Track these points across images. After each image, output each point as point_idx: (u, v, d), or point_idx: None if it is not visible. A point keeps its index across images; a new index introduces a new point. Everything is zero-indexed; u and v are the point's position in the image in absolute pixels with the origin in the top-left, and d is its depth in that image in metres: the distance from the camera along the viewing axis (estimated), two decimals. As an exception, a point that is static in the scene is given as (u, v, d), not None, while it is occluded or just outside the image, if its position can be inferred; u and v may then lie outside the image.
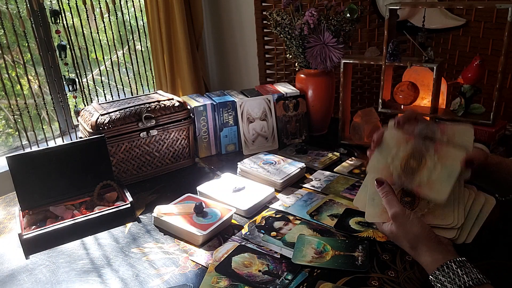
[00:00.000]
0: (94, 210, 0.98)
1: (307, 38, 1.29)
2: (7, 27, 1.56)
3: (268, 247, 0.85)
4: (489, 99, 1.40)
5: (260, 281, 0.75)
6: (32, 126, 1.67)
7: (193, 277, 0.78)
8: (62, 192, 1.01)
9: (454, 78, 1.21)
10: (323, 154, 1.24)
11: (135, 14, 1.95)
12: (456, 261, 0.61)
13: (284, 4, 1.31)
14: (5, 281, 0.80)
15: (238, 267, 0.79)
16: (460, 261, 0.61)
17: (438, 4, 1.26)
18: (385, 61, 1.20)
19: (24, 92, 1.62)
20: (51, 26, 1.65)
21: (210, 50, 2.25)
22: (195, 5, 1.99)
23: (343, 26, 1.28)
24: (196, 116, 1.26)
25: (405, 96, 1.21)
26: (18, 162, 0.95)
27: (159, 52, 1.94)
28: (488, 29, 1.42)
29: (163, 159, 1.21)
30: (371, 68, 1.71)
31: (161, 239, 0.90)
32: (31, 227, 0.94)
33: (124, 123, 1.11)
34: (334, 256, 0.80)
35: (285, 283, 0.74)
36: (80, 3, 1.69)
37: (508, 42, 1.03)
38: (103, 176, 1.05)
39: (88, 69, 1.84)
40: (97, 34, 1.91)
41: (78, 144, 1.02)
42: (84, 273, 0.81)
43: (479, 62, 1.11)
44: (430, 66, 1.15)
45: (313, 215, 0.95)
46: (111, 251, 0.87)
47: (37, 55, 1.66)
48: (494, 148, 1.12)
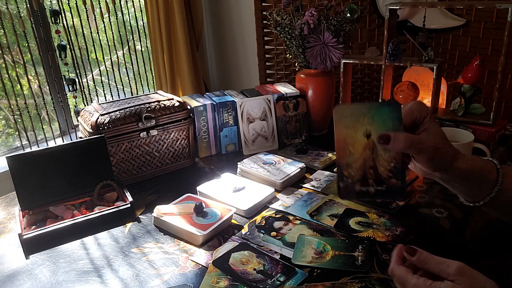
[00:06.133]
0: (94, 210, 0.98)
1: (307, 38, 1.29)
2: (7, 27, 1.56)
3: (268, 247, 0.85)
4: (489, 99, 1.40)
5: (252, 279, 0.75)
6: (32, 126, 1.67)
7: (193, 277, 0.78)
8: (62, 192, 1.01)
9: (454, 78, 1.21)
10: (323, 154, 1.24)
11: (135, 14, 1.95)
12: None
13: (284, 4, 1.31)
14: (5, 281, 0.80)
15: (235, 263, 0.80)
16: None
17: (438, 4, 1.26)
18: (385, 61, 1.20)
19: (24, 92, 1.62)
20: (51, 26, 1.65)
21: (210, 50, 2.25)
22: (195, 5, 1.99)
23: (343, 26, 1.28)
24: (196, 116, 1.26)
25: (405, 96, 1.21)
26: (18, 162, 0.95)
27: (159, 52, 1.94)
28: (488, 29, 1.42)
29: (163, 159, 1.21)
30: (371, 68, 1.71)
31: (161, 239, 0.90)
32: (31, 227, 0.94)
33: (124, 123, 1.11)
34: (334, 256, 0.80)
35: (275, 284, 0.74)
36: (80, 3, 1.69)
37: (508, 42, 1.04)
38: (103, 176, 1.05)
39: (88, 69, 1.84)
40: (97, 34, 1.91)
41: (78, 144, 1.02)
42: (84, 273, 0.81)
43: (479, 62, 1.11)
44: (430, 66, 1.15)
45: (313, 215, 0.95)
46: (111, 251, 0.87)
47: (37, 55, 1.65)
48: (494, 148, 1.12)
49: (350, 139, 0.59)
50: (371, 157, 0.59)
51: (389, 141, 0.57)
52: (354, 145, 0.59)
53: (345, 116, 0.59)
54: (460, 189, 0.62)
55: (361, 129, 0.59)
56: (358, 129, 0.59)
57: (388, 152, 0.59)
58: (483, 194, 0.60)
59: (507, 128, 1.19)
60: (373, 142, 0.59)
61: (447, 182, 0.62)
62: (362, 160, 0.60)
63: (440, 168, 0.59)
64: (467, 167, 0.59)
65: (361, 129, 0.59)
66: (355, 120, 0.59)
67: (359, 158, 0.60)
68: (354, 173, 0.60)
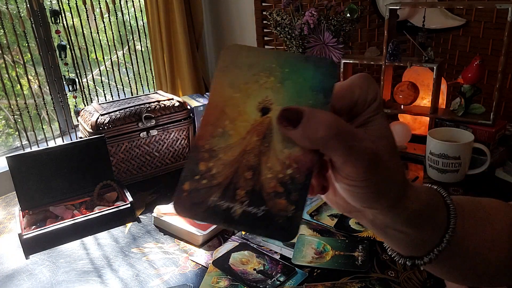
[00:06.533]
0: (94, 210, 0.98)
1: (307, 38, 1.29)
2: (7, 27, 1.56)
3: (268, 247, 0.85)
4: (489, 99, 1.40)
5: (252, 279, 0.75)
6: (32, 126, 1.67)
7: (193, 277, 0.78)
8: (62, 192, 1.01)
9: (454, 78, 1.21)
10: (323, 154, 1.24)
11: (135, 14, 1.95)
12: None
13: (284, 4, 1.31)
14: (5, 281, 0.80)
15: (235, 263, 0.80)
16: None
17: (438, 4, 1.26)
18: (385, 61, 1.20)
19: (24, 92, 1.62)
20: (51, 26, 1.65)
21: (210, 50, 2.25)
22: (195, 5, 1.99)
23: (343, 26, 1.28)
24: (196, 116, 1.26)
25: (405, 96, 1.21)
26: (18, 162, 0.95)
27: (159, 52, 1.94)
28: (488, 29, 1.42)
29: (163, 159, 1.20)
30: (371, 68, 1.71)
31: (161, 239, 0.90)
32: (31, 227, 0.94)
33: (124, 123, 1.11)
34: (334, 256, 0.80)
35: (275, 284, 0.74)
36: (80, 3, 1.69)
37: (508, 42, 1.03)
38: (103, 176, 1.05)
39: (88, 69, 1.84)
40: (97, 34, 1.91)
41: (78, 144, 1.02)
42: (84, 273, 0.81)
43: (479, 62, 1.10)
44: (430, 66, 1.15)
45: (313, 215, 0.95)
46: (111, 251, 0.87)
47: (37, 55, 1.65)
48: (494, 148, 1.12)
49: (231, 108, 0.32)
50: (258, 149, 0.31)
51: (297, 122, 0.29)
52: (235, 120, 0.32)
53: (237, 66, 0.33)
54: (400, 241, 0.37)
55: (256, 95, 0.32)
56: (251, 95, 0.32)
57: (291, 147, 0.31)
58: (429, 246, 0.37)
59: (507, 128, 1.19)
60: (270, 123, 0.31)
61: (382, 230, 0.36)
62: (240, 151, 0.31)
63: (378, 199, 0.32)
64: (419, 206, 0.34)
65: (257, 96, 0.32)
66: (251, 76, 0.32)
67: (236, 146, 0.31)
68: (218, 170, 0.31)
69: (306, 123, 0.29)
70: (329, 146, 0.29)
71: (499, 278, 0.40)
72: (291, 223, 0.30)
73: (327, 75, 0.32)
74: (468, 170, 1.05)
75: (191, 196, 0.31)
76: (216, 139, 0.32)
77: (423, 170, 1.11)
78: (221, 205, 0.30)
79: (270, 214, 0.30)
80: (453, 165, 1.02)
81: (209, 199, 0.30)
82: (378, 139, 0.31)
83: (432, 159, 1.04)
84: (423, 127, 1.30)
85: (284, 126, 0.30)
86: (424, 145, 1.09)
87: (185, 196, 0.31)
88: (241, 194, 0.30)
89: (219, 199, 0.30)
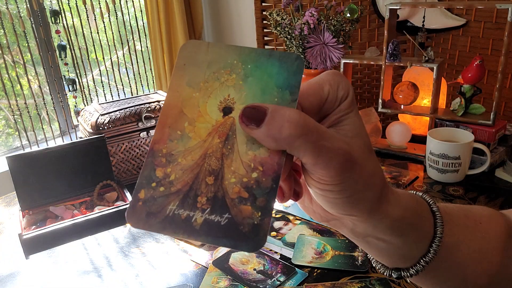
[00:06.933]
0: (94, 210, 0.98)
1: (307, 38, 1.29)
2: (7, 27, 1.56)
3: (268, 247, 0.85)
4: (489, 99, 1.40)
5: (252, 279, 0.75)
6: (32, 126, 1.67)
7: (193, 277, 0.78)
8: (62, 192, 1.01)
9: (454, 78, 1.21)
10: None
11: (135, 14, 1.95)
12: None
13: (284, 4, 1.31)
14: (5, 281, 0.80)
15: (235, 263, 0.80)
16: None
17: (438, 4, 1.26)
18: (385, 61, 1.20)
19: (24, 92, 1.62)
20: (51, 26, 1.65)
21: (210, 50, 2.25)
22: (195, 5, 1.99)
23: (343, 26, 1.28)
24: (196, 116, 1.26)
25: (405, 96, 1.21)
26: (18, 162, 0.95)
27: (159, 52, 1.94)
28: (488, 29, 1.42)
29: (163, 159, 1.20)
30: (371, 68, 1.71)
31: (161, 239, 0.90)
32: (31, 227, 0.94)
33: (124, 123, 1.11)
34: (334, 256, 0.80)
35: (275, 284, 0.74)
36: (80, 3, 1.69)
37: (508, 42, 1.04)
38: (103, 176, 1.05)
39: (88, 69, 1.84)
40: (97, 34, 1.91)
41: (78, 144, 1.02)
42: (84, 273, 0.81)
43: (479, 62, 1.11)
44: (430, 66, 1.15)
45: (313, 215, 0.95)
46: (111, 251, 0.87)
47: (37, 55, 1.65)
48: (494, 148, 1.12)
49: (190, 109, 0.30)
50: (220, 152, 0.29)
51: (261, 121, 0.27)
52: (195, 121, 0.29)
53: (196, 63, 0.31)
54: (384, 251, 0.35)
55: (217, 94, 0.30)
56: (213, 93, 0.30)
57: (255, 149, 0.28)
58: (414, 256, 0.35)
59: (507, 128, 1.19)
60: (233, 123, 0.29)
61: (364, 239, 0.34)
62: (201, 155, 0.29)
63: (355, 204, 0.30)
64: (401, 212, 0.32)
65: (218, 95, 0.30)
66: (211, 74, 0.30)
67: (196, 150, 0.29)
68: (177, 176, 0.28)
69: (270, 121, 0.27)
70: (296, 146, 0.27)
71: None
72: (258, 232, 0.27)
73: (292, 71, 0.30)
74: (468, 170, 1.05)
75: (146, 205, 0.27)
76: (175, 143, 0.29)
77: (423, 170, 1.11)
78: (180, 214, 0.27)
79: (234, 222, 0.27)
80: (453, 165, 1.02)
81: (167, 207, 0.27)
82: (351, 139, 0.29)
83: (432, 159, 1.04)
84: (423, 127, 1.30)
85: (247, 125, 0.27)
86: (424, 145, 1.09)
87: (140, 205, 0.28)
88: (202, 201, 0.28)
89: (178, 208, 0.28)
